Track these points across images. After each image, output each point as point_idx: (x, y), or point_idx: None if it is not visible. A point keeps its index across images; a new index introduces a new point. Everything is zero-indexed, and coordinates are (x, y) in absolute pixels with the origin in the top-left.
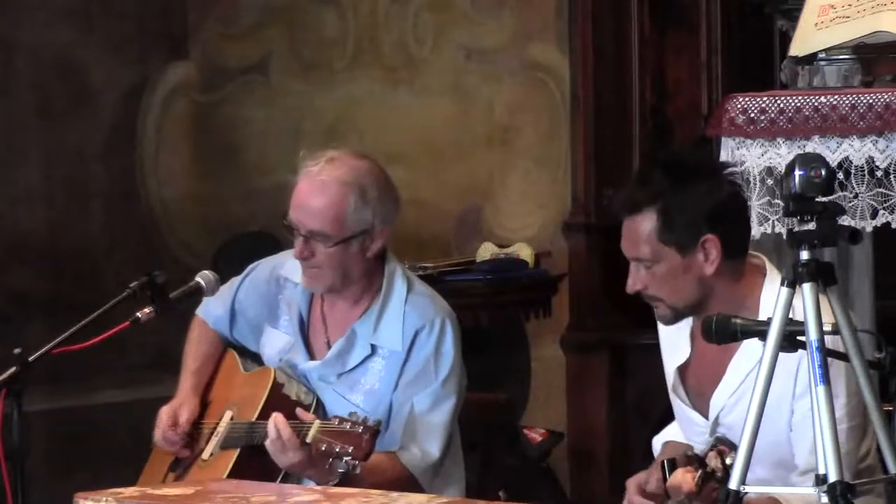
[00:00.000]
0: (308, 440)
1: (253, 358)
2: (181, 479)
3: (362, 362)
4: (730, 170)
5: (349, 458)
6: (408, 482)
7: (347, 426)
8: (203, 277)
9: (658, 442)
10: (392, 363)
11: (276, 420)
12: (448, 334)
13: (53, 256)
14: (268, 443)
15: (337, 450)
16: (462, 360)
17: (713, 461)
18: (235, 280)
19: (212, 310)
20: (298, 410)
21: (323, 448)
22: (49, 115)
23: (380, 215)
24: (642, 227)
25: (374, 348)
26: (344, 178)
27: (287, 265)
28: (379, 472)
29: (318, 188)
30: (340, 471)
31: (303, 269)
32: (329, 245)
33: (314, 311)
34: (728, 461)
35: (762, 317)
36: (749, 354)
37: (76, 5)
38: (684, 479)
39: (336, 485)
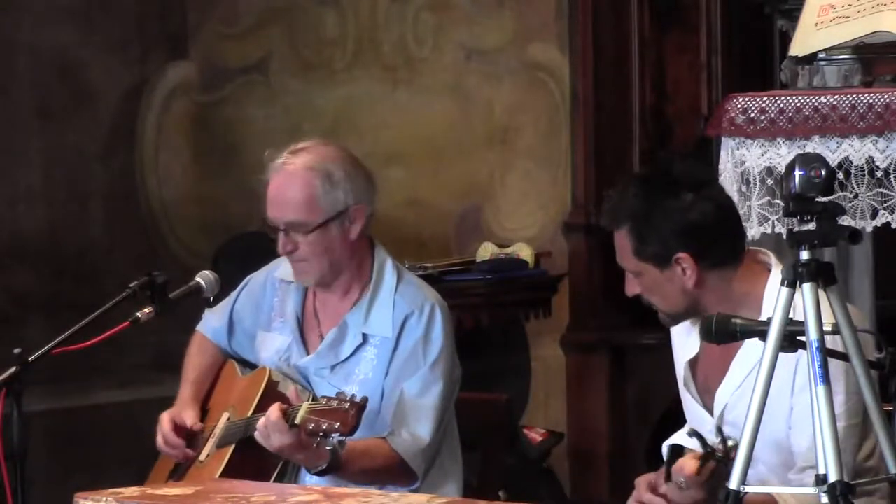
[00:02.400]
0: (297, 421)
1: (253, 368)
2: (179, 480)
3: (355, 352)
4: (714, 182)
5: (336, 434)
6: (399, 467)
7: (335, 404)
8: (203, 277)
9: (666, 446)
10: (383, 350)
11: (271, 407)
12: (437, 320)
13: (53, 256)
14: (258, 426)
15: (324, 427)
16: (454, 349)
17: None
18: (234, 293)
19: (210, 323)
20: (290, 393)
21: (311, 427)
22: (49, 115)
23: (352, 193)
24: (622, 242)
25: (365, 337)
26: (308, 164)
27: (282, 268)
28: (369, 456)
29: (285, 180)
30: (328, 448)
31: (292, 265)
32: (307, 232)
33: (307, 308)
34: (730, 443)
35: (765, 314)
36: (752, 352)
37: (76, 5)
38: (686, 462)
39: (325, 469)
